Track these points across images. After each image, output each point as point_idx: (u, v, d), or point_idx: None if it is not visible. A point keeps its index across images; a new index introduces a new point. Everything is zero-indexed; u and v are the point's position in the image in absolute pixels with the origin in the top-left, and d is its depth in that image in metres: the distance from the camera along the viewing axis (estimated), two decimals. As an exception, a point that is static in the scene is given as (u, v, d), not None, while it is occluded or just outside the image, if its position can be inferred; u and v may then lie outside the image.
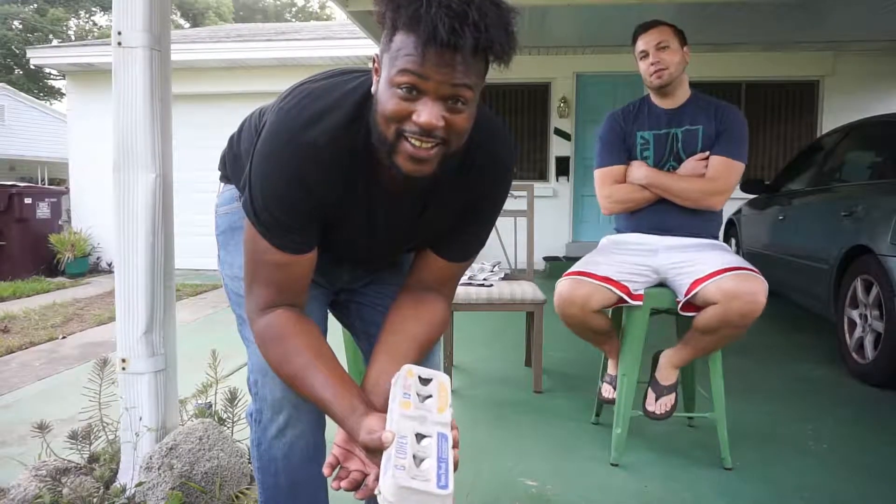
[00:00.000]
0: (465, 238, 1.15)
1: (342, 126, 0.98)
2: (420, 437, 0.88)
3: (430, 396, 0.96)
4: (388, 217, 1.09)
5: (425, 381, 0.98)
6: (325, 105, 0.99)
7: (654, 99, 2.19)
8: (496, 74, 0.95)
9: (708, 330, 1.91)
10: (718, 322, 1.87)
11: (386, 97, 0.90)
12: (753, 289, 1.82)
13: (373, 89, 0.96)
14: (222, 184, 1.37)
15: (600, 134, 2.24)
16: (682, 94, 2.15)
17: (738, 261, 1.95)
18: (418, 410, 0.92)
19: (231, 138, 1.29)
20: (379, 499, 0.82)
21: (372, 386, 1.05)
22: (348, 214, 1.07)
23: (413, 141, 0.90)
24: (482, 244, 1.19)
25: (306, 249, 1.05)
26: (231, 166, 1.30)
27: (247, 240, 1.05)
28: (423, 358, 1.12)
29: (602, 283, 2.00)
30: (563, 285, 2.06)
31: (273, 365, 1.06)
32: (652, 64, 2.08)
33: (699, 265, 1.96)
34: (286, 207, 0.99)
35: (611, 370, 2.25)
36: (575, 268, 2.10)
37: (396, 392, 0.94)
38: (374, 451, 0.91)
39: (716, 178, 2.06)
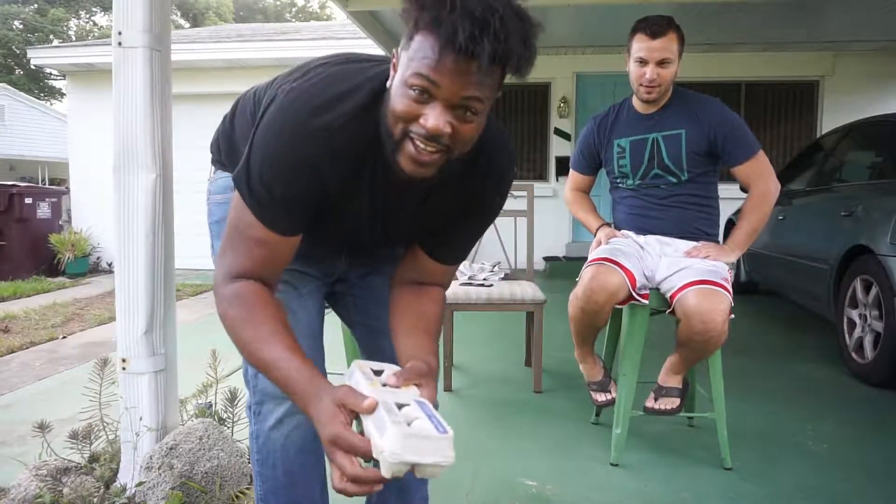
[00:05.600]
0: (457, 242, 1.17)
1: (358, 112, 0.98)
2: (399, 406, 0.88)
3: (386, 385, 0.96)
4: (390, 205, 1.09)
5: (377, 372, 0.99)
6: (345, 89, 0.98)
7: (636, 102, 2.16)
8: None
9: (681, 342, 1.94)
10: (685, 337, 1.91)
11: (398, 95, 0.90)
12: (711, 307, 1.82)
13: (388, 83, 0.96)
14: (215, 168, 1.33)
15: (580, 134, 2.33)
16: (665, 96, 2.11)
17: (711, 272, 1.91)
18: (384, 389, 0.92)
19: (224, 120, 1.26)
20: (381, 459, 0.81)
21: (407, 361, 1.02)
22: (352, 199, 1.06)
23: (417, 143, 0.90)
24: (470, 249, 1.21)
25: (293, 233, 1.03)
26: (226, 152, 1.27)
27: (233, 208, 1.02)
28: (437, 335, 1.13)
29: (627, 278, 1.94)
30: (593, 270, 1.96)
31: (233, 324, 1.00)
32: (650, 81, 2.02)
33: (678, 276, 1.95)
34: (289, 188, 0.98)
35: (588, 377, 2.22)
36: (599, 254, 2.02)
37: (358, 378, 0.94)
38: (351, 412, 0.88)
39: (764, 183, 2.07)
